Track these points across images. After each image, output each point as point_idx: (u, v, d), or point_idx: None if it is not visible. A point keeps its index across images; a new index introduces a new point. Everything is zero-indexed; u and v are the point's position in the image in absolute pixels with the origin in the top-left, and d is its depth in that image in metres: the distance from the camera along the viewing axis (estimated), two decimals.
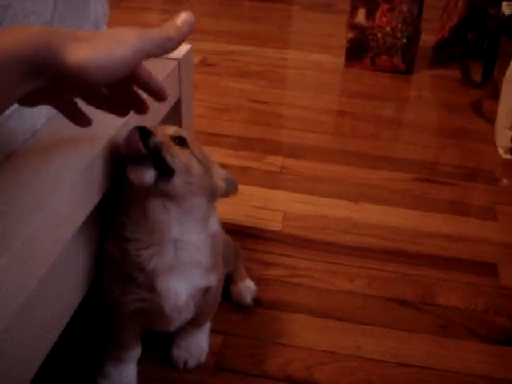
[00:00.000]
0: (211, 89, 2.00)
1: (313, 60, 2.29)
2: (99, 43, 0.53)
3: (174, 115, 1.02)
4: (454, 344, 1.04)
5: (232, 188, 0.86)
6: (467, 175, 1.57)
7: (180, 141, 0.75)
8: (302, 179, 1.51)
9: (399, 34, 2.12)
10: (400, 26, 2.11)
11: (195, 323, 0.95)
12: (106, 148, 0.71)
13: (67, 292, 0.71)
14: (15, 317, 0.57)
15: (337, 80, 2.17)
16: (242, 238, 1.24)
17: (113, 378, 0.90)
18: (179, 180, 0.72)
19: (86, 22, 0.84)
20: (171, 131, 0.76)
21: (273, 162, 1.57)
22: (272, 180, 1.50)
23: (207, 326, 0.99)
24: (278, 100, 1.96)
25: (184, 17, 0.60)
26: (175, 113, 1.02)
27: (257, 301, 1.09)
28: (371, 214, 1.37)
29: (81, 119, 0.67)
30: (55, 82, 0.53)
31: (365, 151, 1.65)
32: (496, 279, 1.19)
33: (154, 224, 0.75)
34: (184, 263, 0.79)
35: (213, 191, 0.80)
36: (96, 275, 0.79)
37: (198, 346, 0.97)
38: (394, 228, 1.33)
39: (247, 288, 1.09)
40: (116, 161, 0.73)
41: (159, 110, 0.91)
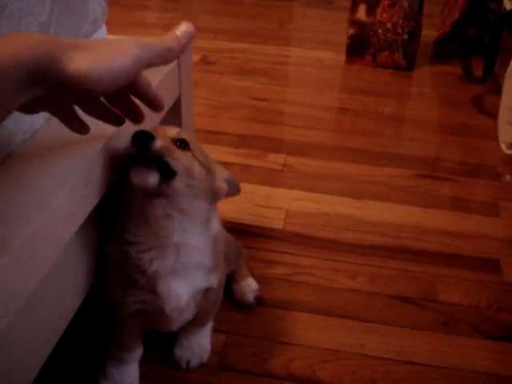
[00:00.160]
0: (211, 87, 2.00)
1: (314, 57, 2.29)
2: (100, 52, 0.53)
3: (174, 114, 1.01)
4: (457, 341, 1.03)
5: (234, 189, 0.86)
6: (469, 171, 1.56)
7: (182, 143, 0.74)
8: (304, 176, 1.50)
9: (400, 30, 2.12)
10: (401, 22, 2.10)
11: (197, 323, 0.94)
12: (106, 148, 0.71)
13: (67, 293, 0.71)
14: (16, 317, 0.56)
15: (338, 77, 2.17)
16: (244, 237, 1.24)
17: (115, 379, 0.90)
18: (181, 182, 0.72)
19: (85, 22, 0.84)
20: (173, 133, 0.75)
21: (275, 160, 1.56)
22: (274, 178, 1.49)
23: (209, 326, 0.99)
24: (279, 97, 1.96)
25: (184, 28, 0.61)
26: (175, 112, 1.01)
27: (259, 299, 1.09)
28: (373, 211, 1.37)
29: (79, 126, 0.67)
30: (55, 90, 0.53)
31: (366, 148, 1.65)
32: (499, 275, 1.19)
33: (156, 228, 0.74)
34: (185, 265, 0.79)
35: (214, 193, 0.79)
36: (97, 276, 0.79)
37: (201, 346, 0.97)
38: (397, 225, 1.32)
39: (249, 287, 1.09)
40: (117, 162, 0.73)
41: None
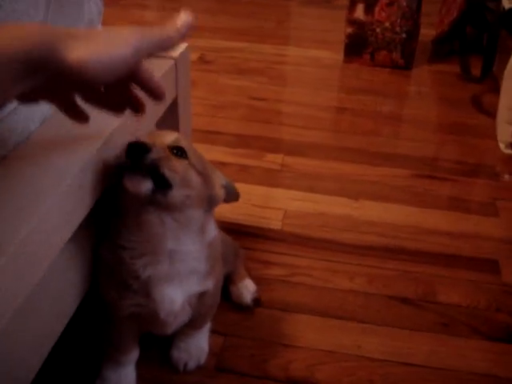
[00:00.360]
0: (209, 86, 1.99)
1: (311, 56, 2.28)
2: (99, 42, 0.53)
3: (171, 115, 1.01)
4: (456, 342, 1.03)
5: (232, 195, 0.85)
6: (468, 171, 1.56)
7: (178, 151, 0.73)
8: (302, 177, 1.50)
9: (398, 29, 2.11)
10: (399, 21, 2.10)
11: (194, 325, 0.94)
12: (100, 152, 0.70)
13: (64, 296, 0.71)
14: (12, 320, 0.56)
15: (336, 76, 2.17)
16: (242, 237, 1.23)
17: (111, 381, 0.89)
18: (177, 193, 0.71)
19: (80, 23, 0.83)
20: (170, 140, 0.74)
21: (273, 160, 1.56)
22: (272, 178, 1.49)
23: (207, 327, 0.98)
24: (277, 97, 1.95)
25: (184, 17, 0.60)
26: (172, 112, 1.01)
27: (257, 301, 1.08)
28: (371, 212, 1.37)
29: (79, 115, 0.66)
30: (54, 80, 0.53)
31: (364, 147, 1.64)
32: (498, 276, 1.18)
33: (150, 235, 0.74)
34: (180, 272, 0.78)
35: (211, 201, 0.79)
36: (93, 279, 0.79)
37: (198, 348, 0.96)
38: (395, 225, 1.32)
39: (247, 288, 1.08)
40: (112, 167, 0.72)
41: (156, 110, 0.91)
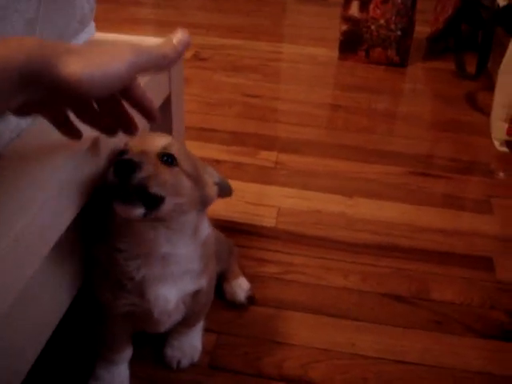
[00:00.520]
0: (204, 83, 1.98)
1: (307, 53, 2.28)
2: (94, 57, 0.53)
3: (165, 112, 1.00)
4: (450, 340, 1.03)
5: (226, 191, 0.84)
6: (462, 168, 1.56)
7: (169, 158, 0.71)
8: (296, 174, 1.50)
9: (393, 26, 2.11)
10: (394, 18, 2.09)
11: (188, 323, 0.94)
12: (93, 149, 0.70)
13: (55, 294, 0.70)
14: (3, 319, 0.55)
15: (331, 73, 2.16)
16: (236, 235, 1.23)
17: (104, 380, 0.89)
18: (168, 204, 0.70)
19: (73, 19, 0.83)
20: (159, 147, 0.71)
21: (267, 157, 1.55)
22: (266, 175, 1.49)
23: (200, 326, 0.98)
24: (272, 94, 1.95)
25: (180, 36, 0.60)
26: (165, 110, 1.00)
27: (250, 299, 1.08)
28: (365, 209, 1.36)
29: (71, 131, 0.66)
30: (48, 94, 0.53)
31: (359, 145, 1.64)
32: (492, 273, 1.18)
33: (141, 240, 0.74)
34: (173, 273, 0.78)
35: (204, 201, 0.78)
36: (86, 278, 0.78)
37: (191, 346, 0.96)
38: (389, 223, 1.32)
39: (241, 286, 1.08)
40: (104, 168, 0.72)
41: None
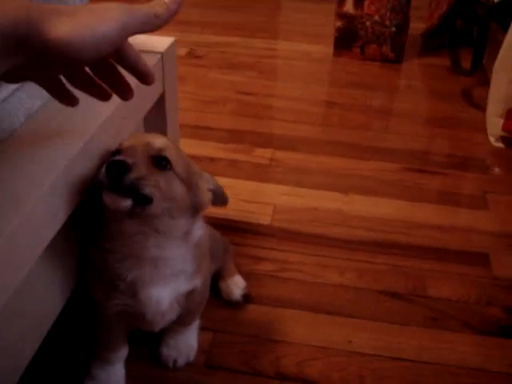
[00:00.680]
0: (199, 81, 1.98)
1: (301, 50, 2.27)
2: (83, 18, 0.51)
3: (159, 110, 1.00)
4: (447, 336, 1.03)
5: (220, 200, 0.83)
6: (458, 164, 1.55)
7: (162, 161, 0.70)
8: (292, 171, 1.49)
9: (388, 23, 2.10)
10: (389, 15, 2.09)
11: (183, 322, 0.93)
12: (87, 147, 0.69)
13: (50, 294, 0.70)
14: None
15: (326, 70, 2.16)
16: (231, 233, 1.23)
17: (100, 379, 0.89)
18: (157, 207, 0.69)
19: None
20: (154, 149, 0.71)
21: (262, 155, 1.55)
22: (261, 173, 1.48)
23: (196, 324, 0.98)
24: (267, 91, 1.94)
25: None
26: (159, 107, 1.00)
27: (246, 297, 1.07)
28: (361, 206, 1.36)
29: (67, 98, 0.64)
30: (37, 58, 0.50)
31: (354, 141, 1.64)
32: (488, 269, 1.18)
33: (130, 242, 0.73)
34: (165, 274, 0.77)
35: (196, 208, 0.77)
36: (80, 278, 0.78)
37: (187, 344, 0.96)
38: (385, 219, 1.32)
39: (236, 284, 1.08)
40: (95, 169, 0.71)
41: (143, 106, 0.90)
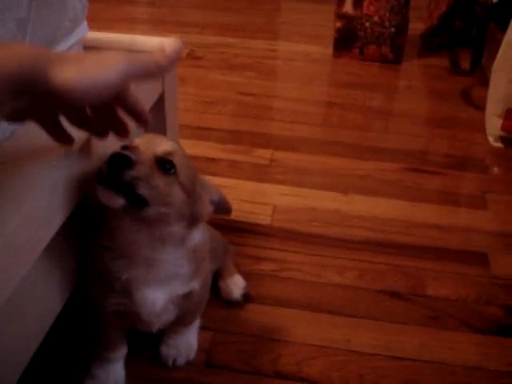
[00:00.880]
0: (198, 82, 1.98)
1: (301, 51, 2.28)
2: (86, 65, 0.54)
3: (158, 110, 1.00)
4: (446, 335, 1.03)
5: (224, 210, 0.83)
6: (457, 164, 1.56)
7: (166, 164, 0.70)
8: (292, 171, 1.49)
9: (387, 23, 2.11)
10: (388, 15, 2.10)
11: (183, 322, 0.93)
12: (86, 148, 0.69)
13: (49, 293, 0.70)
14: None
15: (325, 70, 2.16)
16: (231, 233, 1.23)
17: (100, 379, 0.89)
18: (153, 210, 0.68)
19: (64, 19, 0.82)
20: (160, 151, 0.70)
21: (262, 155, 1.55)
22: (261, 173, 1.48)
23: (196, 324, 0.98)
24: (267, 92, 1.95)
25: (173, 44, 0.60)
26: (159, 108, 1.00)
27: (246, 296, 1.08)
28: (361, 206, 1.36)
29: (63, 137, 0.66)
30: (40, 102, 0.53)
31: (354, 142, 1.64)
32: (487, 269, 1.18)
33: (124, 240, 0.73)
34: (160, 277, 0.77)
35: (194, 218, 0.75)
36: (80, 277, 0.78)
37: (187, 344, 0.96)
38: (384, 219, 1.32)
39: (236, 284, 1.08)
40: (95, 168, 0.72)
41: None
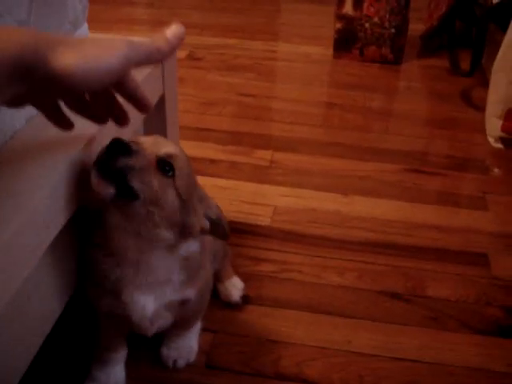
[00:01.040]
0: (198, 83, 1.98)
1: (301, 52, 2.28)
2: (87, 50, 0.53)
3: (158, 112, 1.00)
4: (446, 336, 1.03)
5: (219, 232, 0.80)
6: (457, 165, 1.56)
7: (166, 166, 0.69)
8: (292, 173, 1.50)
9: (387, 24, 2.11)
10: (388, 16, 2.10)
11: (182, 326, 0.93)
12: (87, 149, 0.69)
13: (50, 295, 0.70)
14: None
15: (325, 71, 2.16)
16: (232, 234, 1.21)
17: (100, 381, 0.89)
18: (142, 208, 0.67)
19: (65, 20, 0.82)
20: (163, 151, 0.70)
21: (262, 156, 1.55)
22: (261, 174, 1.49)
23: (197, 327, 0.98)
24: (267, 93, 1.95)
25: (174, 29, 0.60)
26: (159, 109, 1.00)
27: (245, 297, 1.08)
28: (361, 207, 1.36)
29: (63, 122, 0.66)
30: (41, 86, 0.53)
31: (354, 143, 1.64)
32: (487, 269, 1.18)
33: (112, 235, 0.72)
34: (148, 280, 0.76)
35: (186, 230, 0.73)
36: (80, 278, 0.78)
37: (188, 346, 0.96)
38: (384, 220, 1.32)
39: (235, 286, 1.08)
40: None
41: None
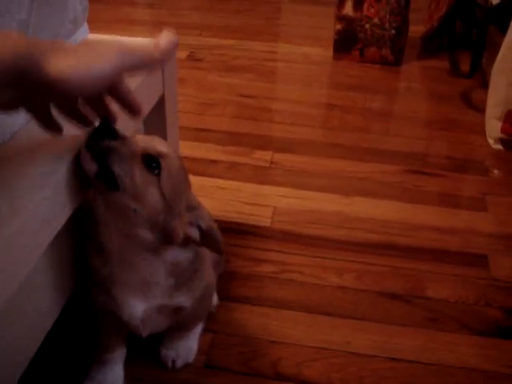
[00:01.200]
0: (198, 84, 1.98)
1: (301, 53, 2.27)
2: (80, 56, 0.54)
3: (158, 112, 1.00)
4: (445, 337, 1.03)
5: (212, 244, 0.76)
6: (457, 166, 1.56)
7: (152, 162, 0.67)
8: (292, 173, 1.50)
9: (387, 25, 2.11)
10: (388, 17, 2.09)
11: (181, 329, 0.94)
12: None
13: (49, 294, 0.70)
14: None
15: (326, 72, 2.16)
16: (232, 235, 1.23)
17: (99, 381, 0.89)
18: (122, 199, 0.66)
19: (65, 20, 0.82)
20: (152, 148, 0.69)
21: (262, 157, 1.55)
22: (261, 175, 1.49)
23: (198, 328, 0.98)
24: (267, 94, 1.94)
25: (167, 37, 0.60)
26: (159, 110, 1.00)
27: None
28: (361, 208, 1.37)
29: (53, 126, 0.66)
30: (33, 91, 0.53)
31: (354, 144, 1.64)
32: (487, 271, 1.18)
33: (99, 229, 0.72)
34: (135, 281, 0.76)
35: (167, 234, 0.71)
36: (80, 278, 0.78)
37: (187, 347, 0.96)
38: (384, 221, 1.32)
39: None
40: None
41: (142, 108, 0.90)
